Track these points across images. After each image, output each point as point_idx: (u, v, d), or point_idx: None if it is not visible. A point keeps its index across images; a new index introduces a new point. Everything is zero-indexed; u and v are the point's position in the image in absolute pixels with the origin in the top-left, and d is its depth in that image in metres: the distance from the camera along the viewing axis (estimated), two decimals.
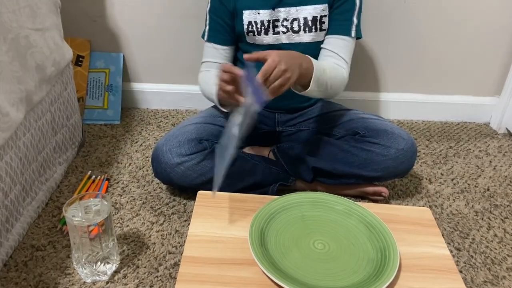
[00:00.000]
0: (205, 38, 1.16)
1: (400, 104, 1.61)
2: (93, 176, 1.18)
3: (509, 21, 1.47)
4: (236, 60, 1.20)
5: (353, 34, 1.10)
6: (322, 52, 1.12)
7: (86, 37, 1.49)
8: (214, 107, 1.22)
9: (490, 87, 1.60)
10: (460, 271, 0.95)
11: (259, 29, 1.10)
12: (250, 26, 1.10)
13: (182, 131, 1.09)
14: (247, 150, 1.21)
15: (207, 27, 1.15)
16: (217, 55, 1.15)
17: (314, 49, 1.12)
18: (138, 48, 1.52)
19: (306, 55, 1.00)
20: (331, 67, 1.06)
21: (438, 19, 1.47)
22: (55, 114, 1.11)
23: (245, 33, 1.11)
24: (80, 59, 1.47)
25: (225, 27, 1.13)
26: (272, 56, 0.85)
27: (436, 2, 1.44)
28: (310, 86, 0.96)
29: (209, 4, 1.13)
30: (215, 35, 1.14)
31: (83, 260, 0.84)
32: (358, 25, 1.11)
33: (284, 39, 1.11)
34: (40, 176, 1.05)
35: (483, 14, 1.46)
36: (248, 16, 1.09)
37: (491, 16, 1.47)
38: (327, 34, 1.11)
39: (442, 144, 1.46)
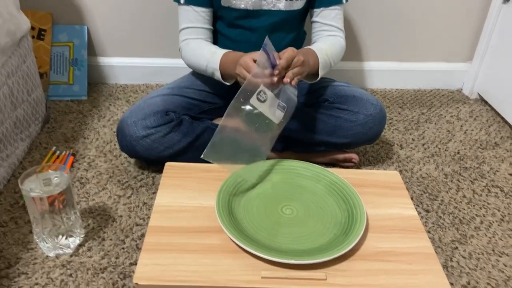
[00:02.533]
0: (182, 0, 1.07)
1: (373, 73, 1.60)
2: (58, 152, 1.15)
3: None
4: (216, 32, 1.13)
5: (344, 1, 1.10)
6: (315, 25, 1.11)
7: (48, 9, 1.42)
8: (188, 77, 1.19)
9: (462, 53, 1.60)
10: (428, 232, 0.95)
11: None
12: None
13: (148, 103, 1.06)
14: (216, 121, 1.18)
15: None
16: (198, 18, 1.08)
17: (291, 17, 1.09)
18: (102, 20, 1.46)
19: (308, 48, 1.03)
20: (329, 44, 1.07)
21: None
22: (13, 88, 1.07)
23: None
24: (42, 32, 1.41)
25: None
26: (290, 49, 0.90)
27: None
28: (320, 74, 1.02)
29: None
30: None
31: (45, 234, 0.82)
32: None
33: (264, 5, 1.06)
34: (0, 152, 1.01)
35: None
36: None
37: None
38: (317, 6, 1.09)
39: (414, 111, 1.46)
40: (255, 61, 0.88)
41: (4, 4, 1.02)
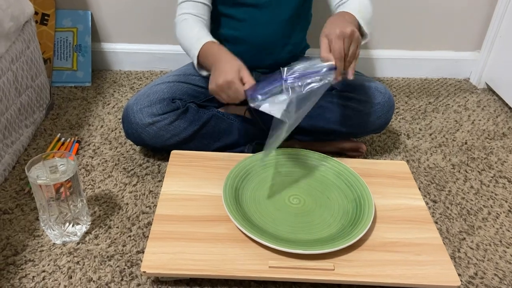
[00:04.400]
0: None
1: (380, 61, 1.58)
2: (63, 139, 1.14)
3: None
4: (219, 15, 1.10)
5: None
6: None
7: None
8: (191, 65, 1.17)
9: (470, 41, 1.57)
10: (436, 222, 0.95)
11: None
12: None
13: (153, 90, 1.04)
14: (222, 109, 1.17)
15: None
16: None
17: None
18: (106, 5, 1.44)
19: (339, 13, 0.94)
20: (360, 4, 0.97)
21: None
22: (17, 74, 1.06)
23: None
24: (46, 17, 1.39)
25: None
26: (332, 37, 0.81)
27: None
28: (366, 32, 0.92)
29: None
30: None
31: (52, 221, 0.81)
32: None
33: None
34: (5, 138, 1.00)
35: None
36: None
37: None
38: None
39: (422, 100, 1.44)
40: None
41: None
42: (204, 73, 1.03)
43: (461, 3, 1.49)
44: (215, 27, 1.12)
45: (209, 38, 0.99)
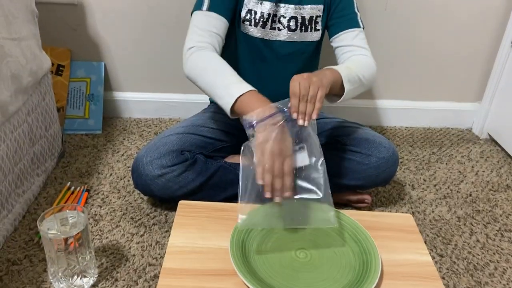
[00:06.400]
0: (205, 7, 0.99)
1: (383, 111, 1.62)
2: (72, 187, 1.16)
3: (489, 27, 1.49)
4: (234, 39, 1.11)
5: (361, 24, 1.09)
6: (338, 50, 1.10)
7: (67, 46, 1.47)
8: (202, 115, 1.20)
9: (471, 93, 1.62)
10: (443, 278, 0.94)
11: (257, 20, 1.07)
12: (248, 15, 1.06)
13: (163, 141, 1.07)
14: (229, 159, 1.19)
15: None
16: (217, 26, 0.99)
17: (308, 48, 1.13)
18: (119, 57, 1.50)
19: (322, 69, 0.95)
20: (353, 61, 1.03)
21: (419, 26, 1.49)
22: (32, 125, 1.09)
23: (241, 21, 1.08)
24: (61, 68, 1.45)
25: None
26: (292, 82, 0.83)
27: (417, 9, 1.46)
28: (345, 87, 0.91)
29: None
30: (221, 4, 1.00)
31: (59, 274, 0.82)
32: (360, 16, 1.10)
33: (281, 36, 1.10)
34: (17, 188, 1.03)
35: (464, 21, 1.48)
36: (249, 3, 1.06)
37: (472, 23, 1.49)
38: (335, 32, 1.09)
39: (425, 150, 1.47)
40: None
41: (28, 45, 1.05)
42: (232, 116, 0.94)
43: (462, 56, 1.54)
44: None
45: (247, 85, 0.92)
